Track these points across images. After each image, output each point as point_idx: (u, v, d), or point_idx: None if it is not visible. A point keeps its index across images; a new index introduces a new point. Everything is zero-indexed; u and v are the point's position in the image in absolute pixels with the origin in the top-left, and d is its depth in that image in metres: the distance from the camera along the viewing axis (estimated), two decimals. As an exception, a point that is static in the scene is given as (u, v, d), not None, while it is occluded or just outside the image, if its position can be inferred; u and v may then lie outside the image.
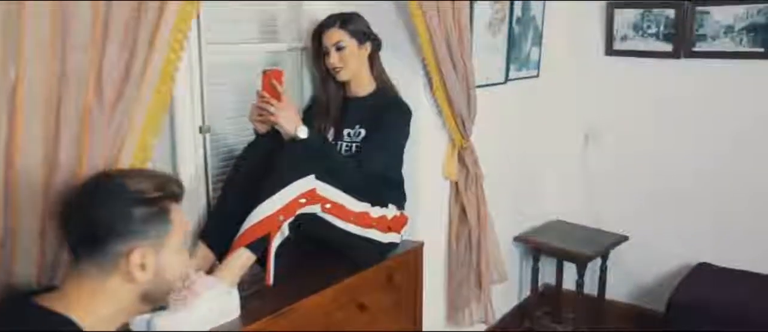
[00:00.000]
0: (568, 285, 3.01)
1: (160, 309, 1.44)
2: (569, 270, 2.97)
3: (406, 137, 2.02)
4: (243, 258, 1.62)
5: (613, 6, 2.85)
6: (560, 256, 2.94)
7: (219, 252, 1.70)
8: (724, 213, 2.78)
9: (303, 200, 1.69)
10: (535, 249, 2.92)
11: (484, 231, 2.38)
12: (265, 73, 1.73)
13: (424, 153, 2.23)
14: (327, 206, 1.75)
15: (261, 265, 1.68)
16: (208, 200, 1.88)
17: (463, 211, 2.35)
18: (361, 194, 1.85)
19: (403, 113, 1.99)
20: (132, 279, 1.05)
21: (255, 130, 1.83)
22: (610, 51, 2.91)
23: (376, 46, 2.03)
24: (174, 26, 1.35)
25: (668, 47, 2.76)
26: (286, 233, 1.69)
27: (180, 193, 1.12)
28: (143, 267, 1.05)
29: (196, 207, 1.85)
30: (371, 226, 1.88)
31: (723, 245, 2.77)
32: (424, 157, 2.24)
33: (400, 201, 2.04)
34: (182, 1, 1.36)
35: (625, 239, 2.89)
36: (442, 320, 2.49)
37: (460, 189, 2.34)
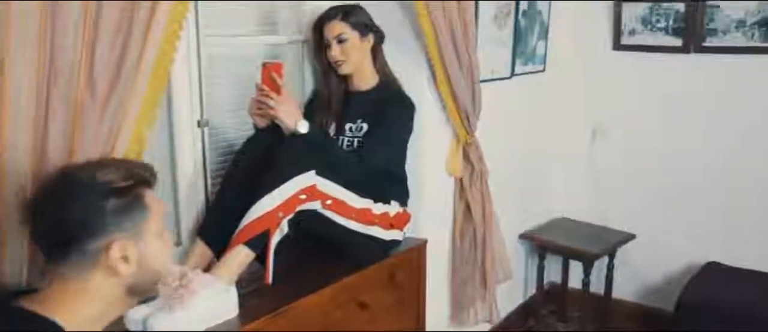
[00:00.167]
0: (574, 283, 2.98)
1: (150, 300, 1.41)
2: (575, 268, 2.94)
3: (410, 132, 1.99)
4: (241, 255, 1.59)
5: (621, -1, 2.81)
6: (566, 254, 2.91)
7: (217, 250, 1.67)
8: (733, 211, 2.73)
9: (303, 196, 1.66)
10: (541, 247, 2.89)
11: (489, 228, 2.35)
12: (264, 65, 1.71)
13: (428, 148, 2.21)
14: (328, 202, 1.73)
15: (260, 263, 1.65)
16: (207, 195, 1.85)
17: (468, 208, 2.33)
18: (363, 190, 1.82)
19: (407, 107, 1.96)
20: (115, 274, 1.00)
21: (254, 124, 1.79)
22: (618, 45, 2.87)
23: (379, 39, 2.00)
24: (170, 17, 1.32)
25: (678, 42, 2.71)
26: (286, 230, 1.66)
27: (152, 178, 1.07)
28: (126, 260, 1.01)
29: (194, 203, 1.82)
30: (373, 223, 1.85)
31: (733, 244, 2.73)
32: (428, 153, 2.21)
33: (403, 198, 2.01)
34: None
35: (633, 237, 2.85)
36: (446, 319, 2.46)
37: (464, 185, 2.31)
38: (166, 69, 1.33)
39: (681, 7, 2.67)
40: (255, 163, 1.71)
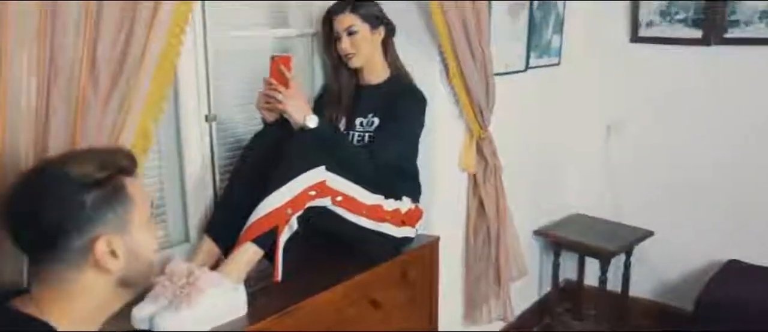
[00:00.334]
0: (589, 281, 2.93)
1: (156, 298, 1.38)
2: (590, 265, 2.89)
3: (422, 126, 1.95)
4: (249, 253, 1.56)
5: (638, -10, 2.75)
6: (582, 251, 2.86)
7: (225, 247, 1.64)
8: (754, 208, 2.66)
9: (312, 192, 1.62)
10: (556, 244, 2.84)
11: (504, 225, 2.31)
12: (273, 59, 1.67)
13: (440, 143, 2.17)
14: (338, 199, 1.69)
15: (269, 260, 1.62)
16: (215, 191, 1.82)
17: (481, 204, 2.29)
18: (374, 186, 1.78)
19: (419, 101, 1.92)
20: (105, 270, 0.96)
21: (263, 118, 1.76)
22: (635, 38, 2.80)
23: (390, 31, 1.96)
24: (174, 9, 1.28)
25: (698, 33, 2.64)
26: (295, 227, 1.62)
27: (131, 165, 1.02)
28: (114, 254, 0.96)
29: (202, 199, 1.79)
30: (384, 220, 1.81)
31: (753, 241, 2.66)
32: (440, 148, 2.18)
33: (415, 194, 1.97)
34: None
35: (651, 234, 2.79)
36: (459, 317, 2.43)
37: (478, 181, 2.27)
38: (172, 62, 1.30)
39: (701, -3, 2.60)
40: (263, 158, 1.68)
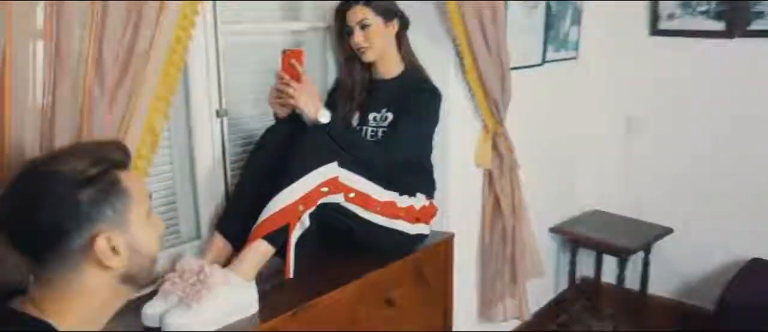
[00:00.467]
0: (607, 278, 2.88)
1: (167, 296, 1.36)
2: (608, 262, 2.84)
3: (436, 122, 1.92)
4: (261, 250, 1.53)
5: (659, -18, 2.68)
6: (601, 249, 2.81)
7: (236, 244, 1.61)
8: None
9: (325, 189, 1.59)
10: (573, 241, 2.79)
11: (520, 221, 2.27)
12: (284, 52, 1.64)
13: (455, 139, 2.14)
14: (351, 195, 1.66)
15: (281, 258, 1.59)
16: (227, 187, 1.80)
17: (497, 200, 2.25)
18: (388, 182, 1.75)
19: (433, 96, 1.89)
20: (106, 268, 0.94)
21: (275, 113, 1.73)
22: (655, 31, 2.73)
23: (404, 24, 1.92)
24: (181, 12, 1.26)
25: (721, 26, 2.57)
26: (307, 224, 1.59)
27: (124, 158, 0.99)
28: (115, 251, 0.93)
29: (213, 195, 1.77)
30: (398, 217, 1.78)
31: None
32: (455, 143, 2.14)
33: (429, 190, 1.94)
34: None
35: (670, 231, 2.73)
36: (474, 315, 2.40)
37: (493, 177, 2.24)
38: (181, 56, 1.27)
39: (725, -12, 2.53)
40: (275, 153, 1.65)
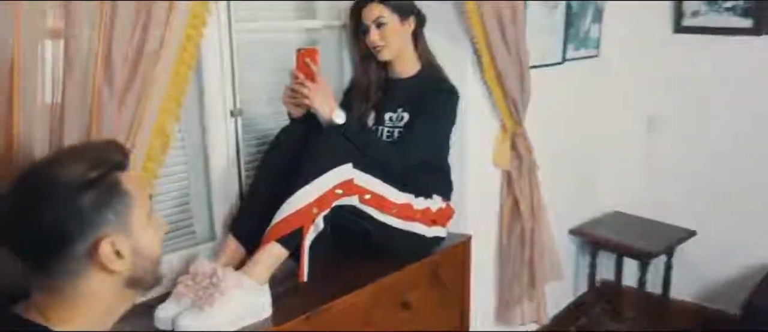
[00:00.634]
0: (628, 281, 2.82)
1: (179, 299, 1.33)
2: (628, 265, 2.79)
3: (453, 122, 1.88)
4: (274, 253, 1.51)
5: (683, -23, 2.62)
6: (622, 252, 2.76)
7: (249, 246, 1.59)
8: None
9: (340, 191, 1.57)
10: (593, 244, 2.73)
11: (538, 223, 2.24)
12: (299, 51, 1.62)
13: (472, 139, 2.10)
14: (366, 197, 1.63)
15: (294, 261, 1.57)
16: (241, 187, 1.78)
17: (515, 202, 2.22)
18: (404, 184, 1.72)
19: (450, 95, 1.85)
20: (111, 272, 0.92)
21: (289, 113, 1.71)
22: (679, 28, 2.68)
23: (420, 22, 1.89)
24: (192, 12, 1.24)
25: (748, 23, 2.50)
26: (321, 226, 1.57)
27: (123, 159, 0.97)
28: (119, 255, 0.91)
29: (227, 195, 1.75)
30: (414, 219, 1.75)
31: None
32: (473, 144, 2.11)
33: (446, 192, 1.91)
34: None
35: (693, 234, 2.67)
36: (491, 319, 2.37)
37: (512, 178, 2.20)
38: (192, 54, 1.25)
39: (752, -16, 2.47)
40: (289, 154, 1.63)
